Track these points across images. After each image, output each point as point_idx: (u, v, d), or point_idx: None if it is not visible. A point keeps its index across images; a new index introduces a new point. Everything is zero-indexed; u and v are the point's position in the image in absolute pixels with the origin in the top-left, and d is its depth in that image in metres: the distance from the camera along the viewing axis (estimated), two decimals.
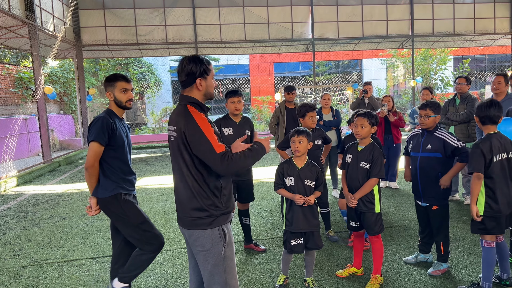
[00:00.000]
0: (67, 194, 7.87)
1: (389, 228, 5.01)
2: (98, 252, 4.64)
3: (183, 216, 2.42)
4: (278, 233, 4.98)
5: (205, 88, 2.42)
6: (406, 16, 16.61)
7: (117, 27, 14.97)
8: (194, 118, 2.29)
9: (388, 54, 22.87)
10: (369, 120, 3.51)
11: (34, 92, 11.04)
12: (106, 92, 3.09)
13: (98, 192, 2.98)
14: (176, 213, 2.54)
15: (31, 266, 4.34)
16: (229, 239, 2.43)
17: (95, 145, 2.90)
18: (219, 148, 2.26)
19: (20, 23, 10.62)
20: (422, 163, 3.71)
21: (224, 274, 2.39)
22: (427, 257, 3.98)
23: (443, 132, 3.69)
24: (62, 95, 17.42)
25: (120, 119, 3.13)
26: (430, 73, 20.99)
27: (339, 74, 26.98)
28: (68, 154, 12.98)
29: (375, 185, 3.50)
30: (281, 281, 3.61)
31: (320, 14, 16.08)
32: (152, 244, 3.05)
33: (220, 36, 15.65)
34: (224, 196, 2.42)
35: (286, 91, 6.49)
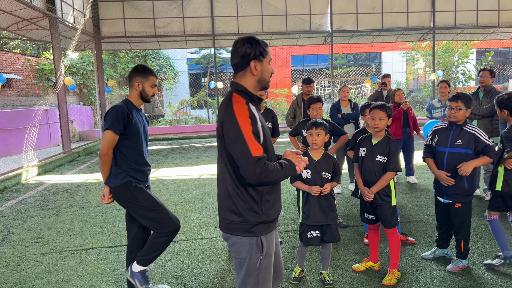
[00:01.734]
0: (86, 184, 8.00)
1: (407, 223, 4.93)
2: (115, 241, 4.70)
3: (220, 216, 2.19)
4: (293, 225, 4.96)
5: (260, 72, 2.11)
6: (427, 8, 16.23)
7: (136, 19, 15.05)
8: (234, 110, 1.99)
9: (408, 47, 22.45)
10: (386, 112, 3.45)
11: (55, 84, 11.22)
12: (135, 81, 3.04)
13: (110, 180, 3.00)
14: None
15: (51, 253, 4.43)
16: (267, 251, 2.14)
17: (110, 133, 2.90)
18: (256, 151, 1.95)
19: (41, 15, 10.78)
20: (450, 159, 3.53)
21: (256, 285, 2.14)
22: (445, 252, 3.91)
23: (474, 127, 3.50)
24: (81, 86, 17.68)
25: (137, 110, 3.12)
26: (451, 67, 20.53)
27: (358, 67, 26.63)
28: (87, 145, 13.19)
29: (392, 178, 3.46)
30: (296, 273, 3.59)
31: (339, 5, 15.85)
32: (166, 226, 3.02)
33: (237, 28, 15.59)
34: (266, 203, 2.10)
35: (304, 84, 6.44)
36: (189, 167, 9.34)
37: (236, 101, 2.05)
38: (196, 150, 12.29)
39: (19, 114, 12.20)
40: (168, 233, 3.03)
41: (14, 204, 6.60)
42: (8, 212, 6.16)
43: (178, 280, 3.67)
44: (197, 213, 5.68)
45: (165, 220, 3.03)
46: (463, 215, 3.60)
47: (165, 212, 3.05)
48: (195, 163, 9.85)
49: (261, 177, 1.95)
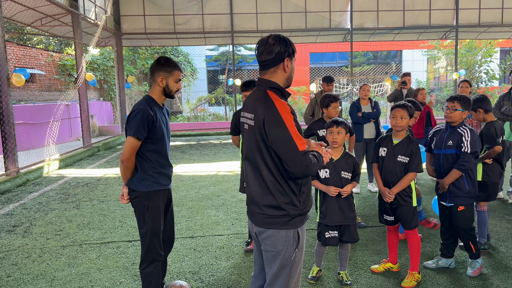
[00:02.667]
0: (105, 178, 8.12)
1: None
2: (134, 236, 4.75)
3: (254, 212, 2.21)
4: (311, 224, 4.93)
5: (290, 70, 2.16)
6: (450, 5, 15.89)
7: (156, 16, 15.18)
8: (277, 107, 2.03)
9: (430, 45, 22.02)
10: (408, 111, 3.40)
11: (76, 79, 11.41)
12: (158, 77, 2.86)
13: (132, 183, 2.89)
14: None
15: (71, 246, 4.51)
16: (302, 244, 2.21)
17: (133, 140, 2.77)
18: (302, 146, 2.00)
19: (64, 11, 10.97)
20: (444, 160, 3.50)
21: (288, 278, 2.18)
22: (449, 262, 3.72)
23: (467, 128, 3.43)
24: (102, 82, 17.95)
25: (160, 107, 2.95)
26: (474, 66, 20.05)
27: (377, 65, 26.28)
28: (107, 140, 13.39)
29: (413, 179, 3.41)
30: (314, 273, 3.57)
31: (359, 3, 15.65)
32: (150, 253, 2.92)
33: (256, 26, 15.56)
34: (303, 194, 2.17)
35: (325, 82, 6.36)
36: (206, 163, 9.38)
37: (275, 97, 2.08)
38: (213, 147, 12.33)
39: (41, 108, 12.46)
40: (148, 262, 2.93)
41: (36, 197, 6.75)
42: (31, 204, 6.30)
43: (196, 276, 3.68)
44: (214, 209, 5.70)
45: (153, 246, 2.93)
46: (467, 218, 3.51)
47: (158, 240, 2.95)
48: (213, 159, 9.89)
49: (307, 170, 2.02)
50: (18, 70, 8.39)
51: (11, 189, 7.31)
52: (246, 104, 2.23)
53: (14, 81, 7.86)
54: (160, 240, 2.98)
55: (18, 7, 10.28)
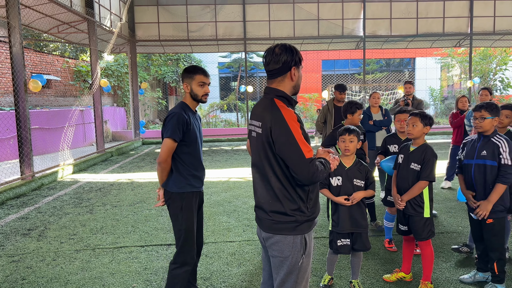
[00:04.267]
0: (118, 183, 8.21)
1: (441, 234, 4.79)
2: (146, 241, 4.79)
3: (262, 218, 2.23)
4: (323, 232, 4.91)
5: (297, 78, 2.20)
6: (464, 13, 15.80)
7: (170, 23, 15.38)
8: (283, 115, 2.06)
9: (444, 53, 21.87)
10: (421, 119, 3.38)
11: (91, 85, 11.59)
12: (184, 83, 3.03)
13: (168, 184, 3.00)
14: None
15: (84, 250, 4.57)
16: (309, 250, 2.23)
17: (170, 141, 2.89)
18: (309, 153, 2.03)
19: (80, 18, 11.18)
20: (476, 171, 3.34)
21: (295, 284, 2.20)
22: (487, 276, 3.56)
23: (501, 138, 3.29)
24: (116, 88, 18.19)
25: (193, 113, 3.08)
26: (489, 74, 19.85)
27: (390, 72, 26.16)
28: (120, 145, 13.53)
29: (424, 187, 3.37)
30: (325, 281, 3.55)
31: (372, 10, 15.66)
32: (183, 253, 2.98)
33: (269, 33, 15.66)
34: (310, 201, 2.19)
35: (338, 90, 6.36)
36: (218, 169, 9.42)
37: (282, 106, 2.12)
38: (225, 153, 12.38)
39: (56, 114, 12.67)
40: (180, 263, 2.97)
41: (50, 201, 6.85)
42: (45, 208, 6.39)
43: (207, 282, 3.70)
44: (225, 216, 5.72)
45: (187, 248, 2.99)
46: (495, 232, 3.32)
47: (192, 243, 3.02)
48: (224, 166, 9.93)
49: (314, 177, 2.04)
50: (35, 76, 8.56)
51: (26, 193, 7.43)
52: (254, 112, 2.26)
53: (31, 86, 8.03)
54: (194, 242, 3.06)
55: (36, 14, 10.52)
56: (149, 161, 11.07)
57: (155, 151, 13.15)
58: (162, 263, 4.15)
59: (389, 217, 4.39)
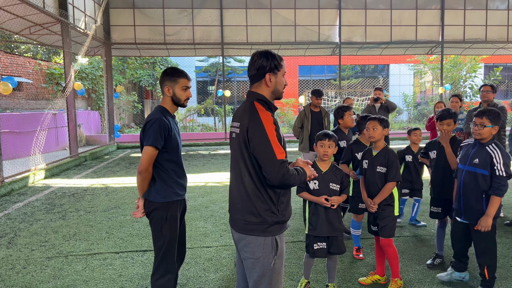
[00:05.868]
0: (92, 188, 8.04)
1: (414, 237, 4.90)
2: (121, 247, 4.71)
3: (235, 218, 2.30)
4: (299, 236, 4.94)
5: (274, 84, 2.28)
6: (436, 22, 16.29)
7: (146, 26, 15.22)
8: (260, 116, 2.16)
9: (416, 60, 22.44)
10: (380, 122, 3.54)
11: (64, 88, 11.33)
12: (165, 87, 2.88)
13: (150, 194, 2.85)
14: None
15: (56, 257, 4.44)
16: (281, 251, 2.28)
17: (151, 149, 2.75)
18: (280, 155, 2.11)
19: (53, 20, 10.93)
20: (467, 177, 3.33)
21: (269, 286, 2.25)
22: (463, 276, 3.66)
23: (496, 148, 3.24)
24: (90, 91, 17.84)
25: (172, 117, 2.96)
26: (459, 81, 20.48)
27: (365, 78, 26.65)
28: (94, 150, 13.26)
29: (393, 188, 3.51)
30: (302, 285, 3.57)
31: (348, 17, 15.94)
32: (163, 264, 2.88)
33: (246, 38, 15.70)
34: (281, 204, 2.26)
35: (315, 95, 6.45)
36: (195, 174, 9.35)
37: (260, 109, 2.22)
38: (202, 158, 12.31)
39: (28, 117, 12.31)
40: (162, 273, 2.88)
41: (21, 207, 6.64)
42: (15, 214, 6.19)
43: None
44: (202, 221, 5.68)
45: (169, 258, 2.90)
46: (485, 239, 3.30)
47: (174, 251, 2.93)
48: (201, 170, 9.87)
49: (283, 179, 2.12)
50: (5, 78, 8.31)
51: None
52: (235, 114, 2.35)
53: (1, 89, 7.78)
54: (175, 251, 2.96)
55: (7, 15, 10.22)
56: (124, 166, 10.88)
57: (130, 156, 12.95)
58: (137, 269, 4.08)
59: (356, 224, 4.34)
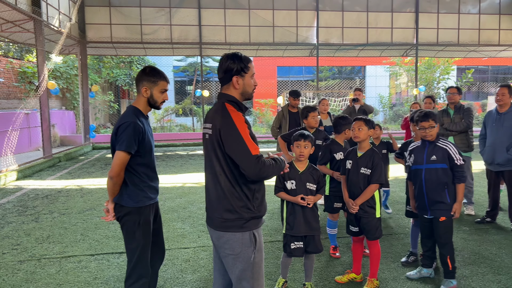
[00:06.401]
0: (66, 190, 7.86)
1: (389, 235, 4.99)
2: (96, 249, 4.62)
3: (213, 217, 2.36)
4: (277, 236, 4.97)
5: (242, 86, 2.35)
6: (411, 25, 16.65)
7: (122, 25, 14.99)
8: (232, 117, 2.24)
9: (392, 62, 22.89)
10: (365, 123, 3.58)
11: (37, 87, 11.04)
12: (143, 87, 2.77)
13: (122, 199, 2.76)
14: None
15: (29, 260, 4.33)
16: (259, 245, 2.36)
17: (124, 154, 2.66)
18: (255, 150, 2.20)
19: (26, 17, 10.64)
20: (427, 175, 3.59)
21: (251, 280, 2.32)
22: (430, 272, 3.83)
23: (446, 142, 3.60)
24: (64, 91, 17.44)
25: (146, 118, 2.88)
26: (433, 82, 21.00)
27: (342, 80, 27.00)
28: (69, 150, 12.98)
29: (375, 190, 3.53)
30: (280, 284, 3.59)
31: (325, 19, 16.11)
32: (137, 269, 2.81)
33: (224, 38, 15.67)
34: (256, 200, 2.35)
35: (293, 96, 6.49)
36: (172, 175, 9.27)
37: (231, 109, 2.28)
38: (180, 158, 12.21)
39: None
40: (136, 278, 2.80)
41: None
42: None
43: None
44: (180, 222, 5.64)
45: (142, 262, 2.82)
46: (448, 229, 3.60)
47: (147, 255, 2.87)
48: (179, 171, 9.79)
49: (261, 173, 2.21)
50: None
51: None
52: (207, 116, 2.42)
53: None
54: (148, 255, 2.89)
55: None
56: (100, 167, 10.69)
57: (106, 156, 12.73)
58: (113, 271, 4.02)
59: (332, 223, 4.39)
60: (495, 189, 5.40)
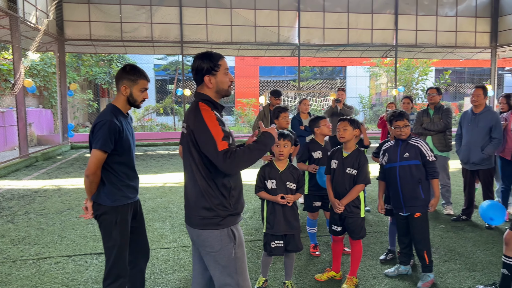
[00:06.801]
0: (43, 190, 7.70)
1: (368, 233, 5.05)
2: (74, 250, 4.54)
3: (191, 215, 2.37)
4: (258, 235, 4.98)
5: (215, 85, 2.34)
6: (390, 26, 16.91)
7: (102, 23, 14.75)
8: (203, 116, 2.24)
9: (372, 63, 23.21)
10: (350, 123, 3.59)
11: (13, 85, 10.77)
12: (122, 85, 2.75)
13: (99, 197, 2.75)
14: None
15: (4, 262, 4.22)
16: (239, 240, 2.37)
17: (99, 153, 2.65)
18: (222, 146, 2.19)
19: (1, 13, 10.36)
20: (401, 172, 3.69)
21: (235, 275, 2.33)
22: (407, 269, 3.90)
23: (417, 140, 3.73)
24: (42, 89, 17.06)
25: (125, 117, 2.84)
26: (412, 83, 21.38)
27: (323, 80, 27.22)
28: (46, 150, 12.71)
29: (361, 190, 3.58)
30: (260, 283, 3.60)
31: (307, 19, 16.21)
32: (115, 269, 2.78)
33: (206, 37, 15.60)
34: (232, 197, 2.35)
35: (274, 96, 6.52)
36: (152, 175, 9.18)
37: (203, 109, 2.28)
38: (161, 158, 12.10)
39: None
40: (114, 278, 2.77)
41: None
42: None
43: None
44: (160, 222, 5.59)
45: (120, 262, 2.80)
46: (424, 225, 3.69)
47: (125, 256, 2.84)
48: (159, 171, 9.70)
49: (232, 165, 2.19)
50: None
51: None
52: (184, 115, 2.41)
53: None
54: (126, 255, 2.85)
55: None
56: (78, 167, 10.50)
57: (84, 156, 12.51)
58: (91, 273, 3.96)
59: (311, 222, 4.43)
60: (471, 187, 5.54)
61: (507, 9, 16.96)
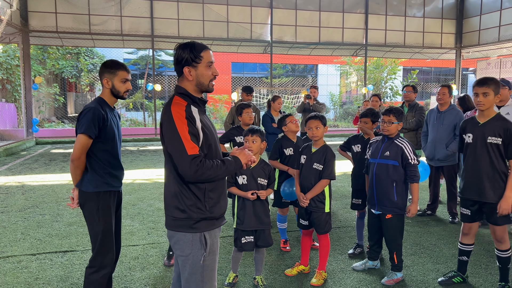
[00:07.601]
0: (6, 187, 7.40)
1: (337, 228, 5.15)
2: (38, 248, 4.39)
3: (166, 214, 2.27)
4: (228, 231, 4.97)
5: (195, 78, 2.18)
6: (361, 25, 17.22)
7: (69, 14, 14.31)
8: (171, 111, 2.08)
9: (343, 61, 23.57)
10: (321, 121, 3.62)
11: None
12: (104, 79, 2.88)
13: (82, 184, 2.81)
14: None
15: None
16: (211, 248, 2.23)
17: (84, 137, 2.71)
18: (192, 150, 2.04)
19: None
20: (378, 169, 3.64)
21: (201, 283, 2.21)
22: (375, 264, 3.96)
23: (404, 141, 3.64)
24: (4, 82, 16.39)
25: (111, 109, 2.95)
26: (381, 82, 21.88)
27: (295, 77, 27.43)
28: (9, 145, 12.22)
29: (326, 186, 3.61)
30: (230, 279, 3.60)
31: (279, 17, 16.28)
32: (100, 256, 2.82)
33: (178, 31, 15.41)
34: (209, 200, 2.19)
35: (245, 92, 6.50)
36: None
37: (175, 103, 2.13)
38: (130, 154, 11.88)
39: None
40: (97, 267, 2.81)
41: None
42: None
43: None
44: (129, 219, 5.49)
45: (105, 250, 2.83)
46: (394, 227, 3.64)
47: (111, 244, 2.87)
48: (129, 167, 9.51)
49: (197, 174, 2.04)
50: None
51: None
52: None
53: None
54: (113, 244, 2.89)
55: None
56: (44, 163, 10.16)
57: (50, 152, 12.11)
58: (56, 271, 3.84)
59: (281, 218, 4.46)
60: (436, 183, 5.72)
61: (471, 11, 17.59)
